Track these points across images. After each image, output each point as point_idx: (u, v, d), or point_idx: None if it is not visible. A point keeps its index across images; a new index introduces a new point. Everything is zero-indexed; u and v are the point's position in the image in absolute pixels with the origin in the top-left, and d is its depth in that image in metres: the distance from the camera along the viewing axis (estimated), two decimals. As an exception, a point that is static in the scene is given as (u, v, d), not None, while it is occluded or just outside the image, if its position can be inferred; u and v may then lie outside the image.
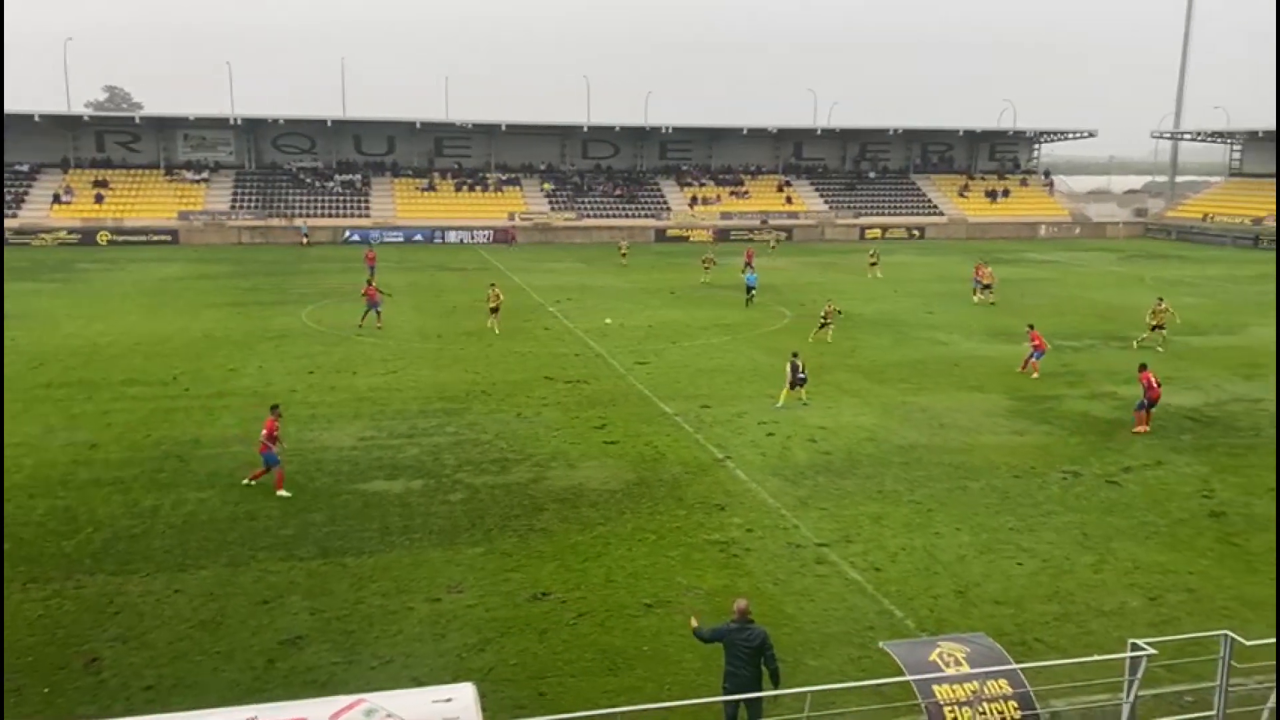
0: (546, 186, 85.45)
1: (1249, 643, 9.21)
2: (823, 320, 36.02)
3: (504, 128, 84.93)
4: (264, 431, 19.39)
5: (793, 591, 15.30)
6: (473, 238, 77.40)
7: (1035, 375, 29.75)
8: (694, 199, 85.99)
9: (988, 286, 45.80)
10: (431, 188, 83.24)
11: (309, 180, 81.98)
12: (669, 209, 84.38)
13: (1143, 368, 24.85)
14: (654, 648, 13.54)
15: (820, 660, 13.17)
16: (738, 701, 10.01)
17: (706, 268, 52.93)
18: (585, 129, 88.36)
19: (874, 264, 56.15)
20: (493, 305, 37.57)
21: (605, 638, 13.83)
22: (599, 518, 18.26)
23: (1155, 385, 24.18)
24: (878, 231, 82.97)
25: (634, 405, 26.45)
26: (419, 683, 12.15)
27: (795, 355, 26.99)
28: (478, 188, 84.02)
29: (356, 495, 19.32)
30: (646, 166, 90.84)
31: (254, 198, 78.87)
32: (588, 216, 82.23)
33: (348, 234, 75.18)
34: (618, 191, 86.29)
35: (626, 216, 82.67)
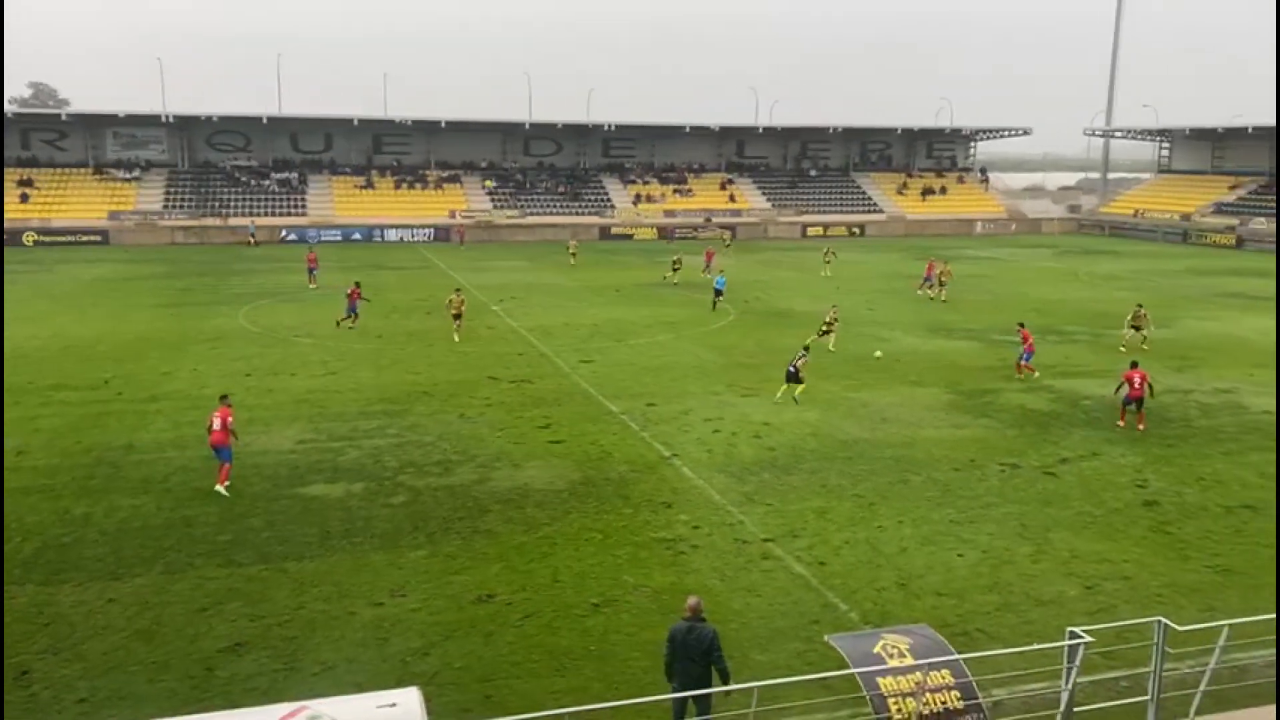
0: (488, 184, 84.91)
1: (1182, 628, 9.43)
2: (826, 327, 33.94)
3: (444, 124, 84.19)
4: (218, 423, 19.18)
5: (739, 587, 15.36)
6: (413, 236, 76.60)
7: (1035, 375, 29.49)
8: (638, 197, 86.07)
9: (943, 283, 46.66)
10: (370, 185, 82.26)
11: (244, 179, 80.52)
12: (613, 207, 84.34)
13: (1133, 365, 24.69)
14: (601, 647, 13.49)
15: (767, 655, 13.24)
16: (685, 699, 10.00)
17: (676, 269, 52.07)
18: (527, 126, 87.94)
19: (828, 262, 56.41)
20: (455, 312, 35.64)
21: (552, 638, 13.75)
22: (545, 518, 18.16)
23: (1136, 385, 23.88)
24: (820, 229, 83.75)
25: (579, 404, 26.37)
26: (362, 688, 11.95)
27: (805, 350, 27.35)
28: (418, 185, 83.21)
29: (296, 499, 18.99)
30: (590, 164, 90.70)
31: (187, 197, 77.25)
32: (531, 214, 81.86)
33: (284, 233, 73.93)
34: (561, 189, 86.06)
35: (570, 214, 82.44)
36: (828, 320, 34.36)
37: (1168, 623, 9.19)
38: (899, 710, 8.68)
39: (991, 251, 70.55)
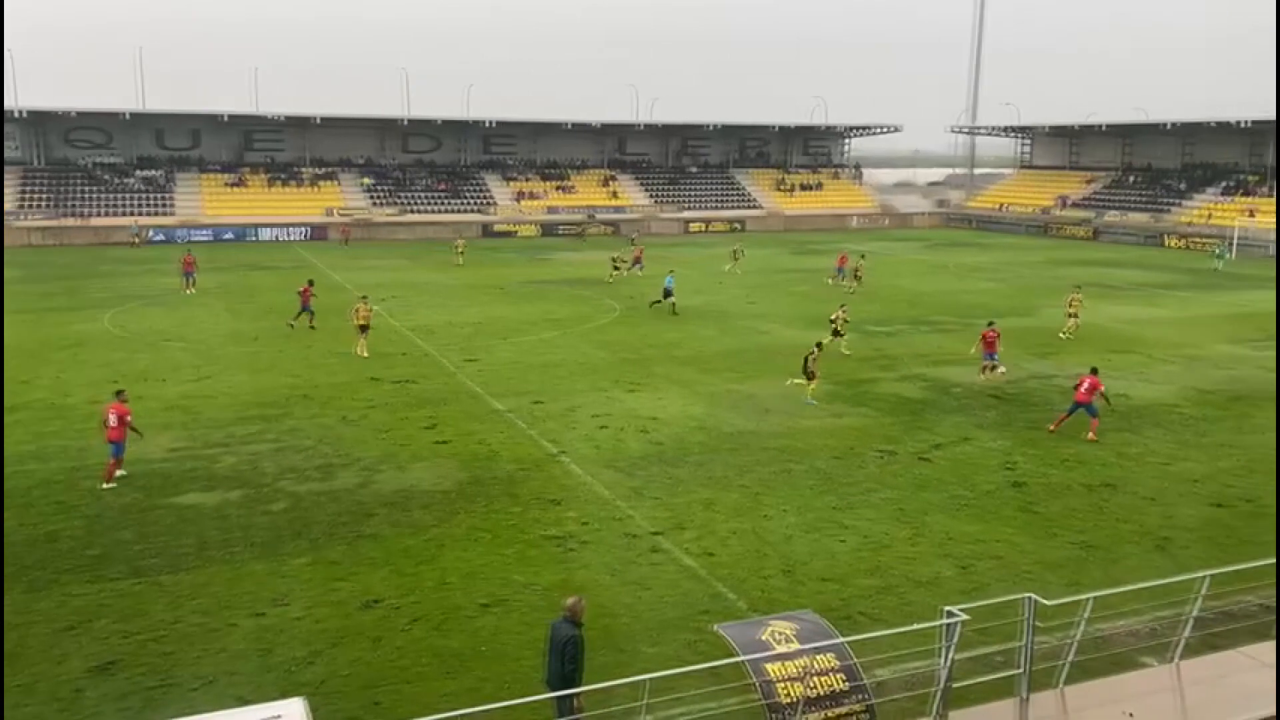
0: (366, 181, 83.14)
1: (1049, 603, 9.91)
2: (834, 330, 32.54)
3: (318, 120, 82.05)
4: (114, 419, 19.14)
5: (629, 581, 15.46)
6: (288, 235, 74.45)
7: (1002, 370, 28.94)
8: (520, 194, 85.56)
9: (858, 276, 48.20)
10: (241, 183, 79.60)
11: (106, 177, 76.87)
12: (495, 204, 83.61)
13: (1093, 371, 24.04)
14: (492, 647, 13.41)
15: (657, 647, 13.37)
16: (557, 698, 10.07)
17: (616, 268, 51.37)
18: (405, 122, 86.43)
19: (736, 259, 56.44)
20: (361, 323, 31.78)
21: (441, 641, 13.59)
22: (431, 520, 17.92)
23: (1083, 390, 23.19)
24: (701, 225, 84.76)
25: (464, 403, 26.09)
26: (245, 701, 11.61)
27: (818, 347, 27.50)
28: (292, 183, 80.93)
29: (170, 509, 18.26)
30: (470, 160, 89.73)
31: (44, 196, 73.30)
32: (410, 212, 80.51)
33: (151, 234, 70.82)
34: (441, 186, 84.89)
35: (451, 212, 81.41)
36: (833, 319, 33.09)
37: (1036, 598, 9.64)
38: (786, 695, 8.88)
39: (865, 245, 72.51)
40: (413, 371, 29.61)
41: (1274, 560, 11.82)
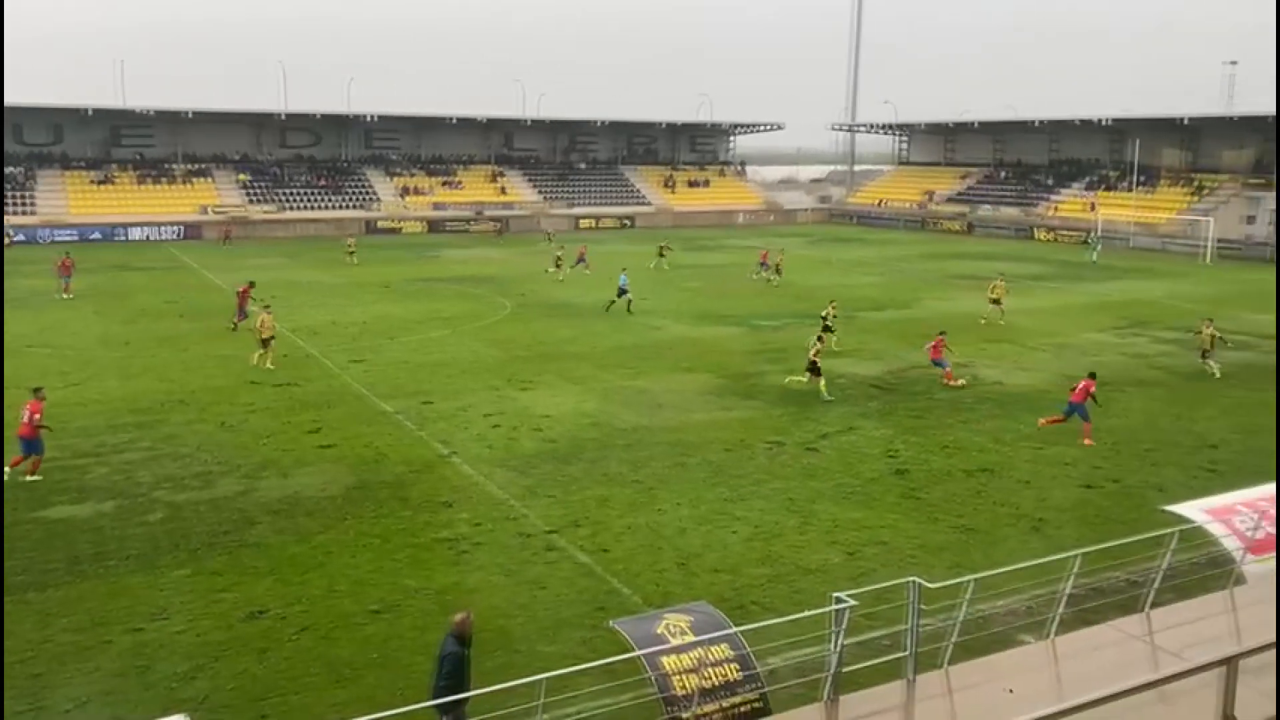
0: (242, 178, 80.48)
1: (932, 585, 10.21)
2: (825, 325, 32.42)
3: (190, 115, 79.05)
4: (26, 416, 19.16)
5: (524, 581, 15.36)
6: (160, 234, 71.56)
7: (957, 382, 28.01)
8: (404, 189, 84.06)
9: (779, 270, 49.23)
10: (109, 181, 76.13)
11: (-42, 173, 72.49)
12: (378, 200, 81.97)
13: (1090, 376, 23.69)
14: (383, 654, 13.15)
15: (554, 646, 13.32)
16: (453, 703, 9.95)
17: (558, 265, 50.93)
18: (282, 116, 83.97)
19: (663, 256, 56.00)
20: (265, 335, 29.64)
21: (331, 650, 13.27)
22: (318, 526, 17.46)
23: (1076, 391, 22.95)
24: (591, 221, 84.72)
25: (350, 406, 25.51)
26: (122, 722, 11.12)
27: (819, 340, 27.88)
28: (163, 180, 77.81)
29: (37, 524, 17.34)
30: (352, 156, 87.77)
31: (-112, 194, 68.69)
32: (289, 209, 78.31)
33: (13, 234, 66.99)
34: (321, 182, 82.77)
35: (332, 209, 79.51)
36: (824, 316, 33.14)
37: (921, 581, 9.91)
38: (681, 687, 8.94)
39: (753, 241, 73.60)
40: (296, 374, 28.79)
41: (1140, 537, 12.44)
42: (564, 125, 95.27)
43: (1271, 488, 12.99)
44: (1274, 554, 11.61)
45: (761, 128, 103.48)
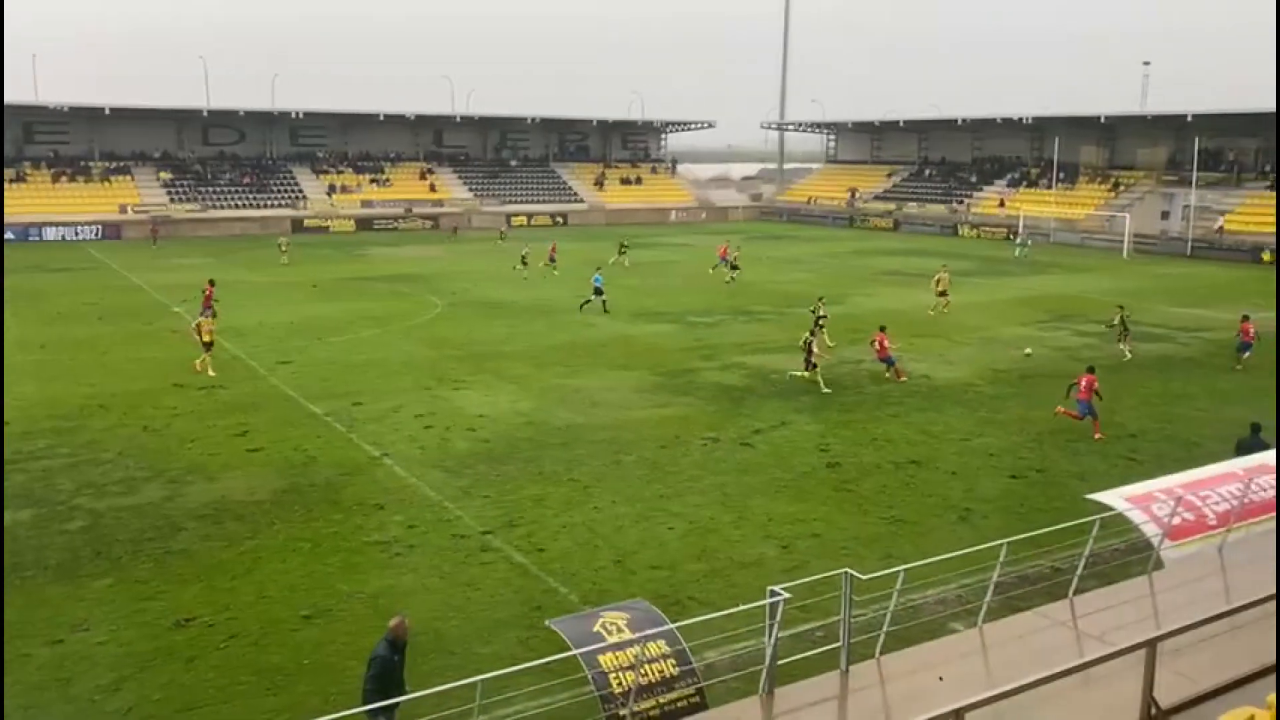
0: (164, 176, 78.47)
1: (865, 577, 10.37)
2: (816, 321, 32.40)
3: (108, 111, 76.78)
4: None
5: (460, 582, 15.23)
6: (77, 234, 69.47)
7: (902, 379, 28.22)
8: (332, 187, 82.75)
9: (735, 266, 49.31)
10: (21, 179, 73.60)
11: None
12: (305, 198, 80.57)
13: (1089, 370, 23.76)
14: (315, 660, 12.94)
15: (491, 647, 13.23)
16: (386, 707, 9.86)
17: (525, 263, 50.46)
18: (205, 113, 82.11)
19: (623, 253, 55.73)
20: (206, 340, 28.81)
21: (261, 657, 13.01)
22: (246, 531, 17.11)
23: (1081, 388, 23.00)
24: (524, 219, 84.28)
25: (278, 408, 25.03)
26: (43, 738, 10.78)
27: (811, 334, 28.52)
28: (80, 178, 75.51)
29: (-52, 535, 16.72)
30: (277, 153, 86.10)
31: None
32: (214, 208, 76.59)
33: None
34: (246, 180, 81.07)
35: (258, 207, 77.95)
36: (813, 312, 33.24)
37: (853, 573, 10.07)
38: (619, 684, 8.96)
39: (685, 238, 74.02)
40: (221, 376, 28.14)
41: (1063, 525, 12.78)
42: (495, 122, 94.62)
43: (1186, 475, 13.47)
44: (1190, 539, 12.06)
45: (693, 125, 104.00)
